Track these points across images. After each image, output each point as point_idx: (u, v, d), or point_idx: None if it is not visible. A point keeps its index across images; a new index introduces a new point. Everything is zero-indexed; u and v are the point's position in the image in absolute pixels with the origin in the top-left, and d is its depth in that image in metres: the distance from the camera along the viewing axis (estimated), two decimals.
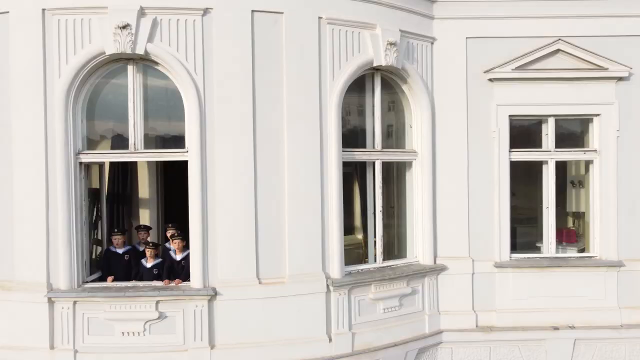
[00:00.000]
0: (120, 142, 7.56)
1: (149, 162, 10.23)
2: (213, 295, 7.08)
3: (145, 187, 10.44)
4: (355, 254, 8.68)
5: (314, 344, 7.41)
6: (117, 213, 9.57)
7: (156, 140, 7.52)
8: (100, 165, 8.27)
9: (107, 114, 7.54)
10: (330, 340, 7.50)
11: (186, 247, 7.41)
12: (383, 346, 7.87)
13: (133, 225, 9.72)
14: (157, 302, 7.05)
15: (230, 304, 7.15)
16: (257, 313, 7.21)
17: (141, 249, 8.12)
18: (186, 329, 7.09)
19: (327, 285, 7.49)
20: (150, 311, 7.04)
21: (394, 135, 8.84)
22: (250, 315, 7.20)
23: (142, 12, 6.94)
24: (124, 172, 9.79)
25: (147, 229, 8.45)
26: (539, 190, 9.36)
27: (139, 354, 7.03)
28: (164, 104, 7.50)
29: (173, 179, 11.52)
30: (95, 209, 8.42)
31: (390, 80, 8.46)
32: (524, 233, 9.89)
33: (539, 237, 9.44)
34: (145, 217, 10.36)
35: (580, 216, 9.85)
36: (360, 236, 9.05)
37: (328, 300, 7.52)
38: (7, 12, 7.14)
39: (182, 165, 7.35)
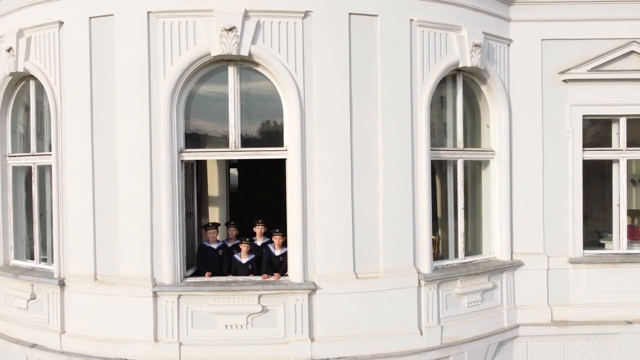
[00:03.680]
0: (198, 140, 7.79)
1: (218, 162, 10.48)
2: (313, 289, 7.30)
3: (215, 186, 10.67)
4: None
5: (406, 337, 7.64)
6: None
7: (249, 140, 7.72)
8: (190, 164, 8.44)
9: (202, 113, 7.76)
10: (421, 333, 7.72)
11: (284, 243, 7.63)
12: (468, 339, 8.09)
13: (202, 222, 9.96)
14: (260, 296, 7.26)
15: (329, 297, 7.36)
16: (354, 306, 7.43)
17: (229, 244, 8.35)
18: (287, 322, 7.31)
19: (419, 280, 7.71)
20: (253, 305, 7.26)
21: (469, 134, 9.05)
22: (347, 308, 7.41)
23: (246, 15, 7.16)
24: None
25: (236, 225, 8.65)
26: (605, 189, 9.60)
27: (241, 347, 7.25)
28: (259, 105, 7.73)
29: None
30: None
31: (469, 81, 8.69)
32: None
33: (596, 235, 9.63)
34: (214, 214, 10.59)
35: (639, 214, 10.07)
36: None
37: (419, 294, 7.74)
38: (112, 14, 7.38)
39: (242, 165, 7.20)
